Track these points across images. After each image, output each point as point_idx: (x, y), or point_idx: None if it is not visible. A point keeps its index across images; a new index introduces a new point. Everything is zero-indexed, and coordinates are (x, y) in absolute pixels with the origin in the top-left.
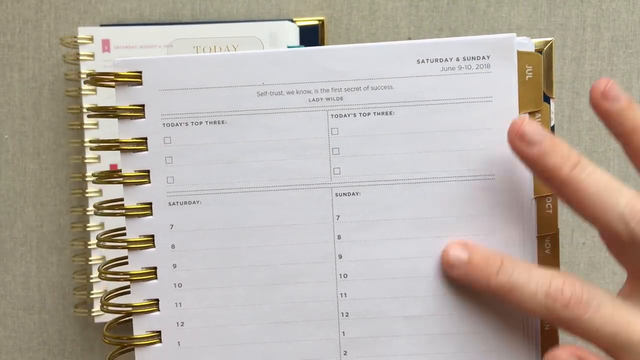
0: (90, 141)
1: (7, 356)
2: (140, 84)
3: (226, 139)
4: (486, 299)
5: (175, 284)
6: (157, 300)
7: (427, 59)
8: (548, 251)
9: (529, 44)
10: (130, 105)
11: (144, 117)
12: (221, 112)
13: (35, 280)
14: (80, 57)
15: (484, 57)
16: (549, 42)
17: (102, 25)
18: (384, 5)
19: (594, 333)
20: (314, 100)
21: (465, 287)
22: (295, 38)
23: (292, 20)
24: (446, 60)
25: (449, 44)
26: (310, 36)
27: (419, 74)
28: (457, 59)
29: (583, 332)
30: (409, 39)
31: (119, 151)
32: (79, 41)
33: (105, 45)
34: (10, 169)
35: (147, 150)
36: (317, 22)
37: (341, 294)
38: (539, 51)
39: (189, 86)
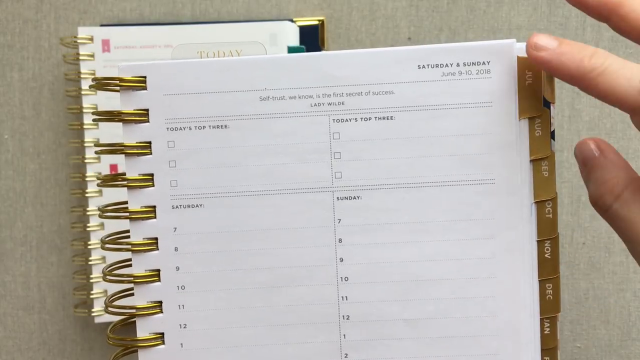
0: (95, 144)
1: (7, 356)
2: (145, 88)
3: (229, 143)
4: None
5: (178, 287)
6: (161, 302)
7: (428, 64)
8: (548, 255)
9: None
10: (134, 110)
11: (148, 122)
12: (224, 116)
13: (35, 280)
14: (80, 57)
15: (484, 63)
16: None
17: (102, 25)
18: (384, 5)
19: None
20: (315, 105)
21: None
22: (295, 38)
23: (292, 20)
24: (447, 65)
25: (449, 49)
26: (310, 36)
27: (420, 79)
28: (458, 65)
29: None
30: (409, 39)
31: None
32: (79, 41)
33: (105, 45)
34: (10, 169)
35: (151, 154)
36: (317, 22)
37: (342, 297)
38: None
39: (192, 91)
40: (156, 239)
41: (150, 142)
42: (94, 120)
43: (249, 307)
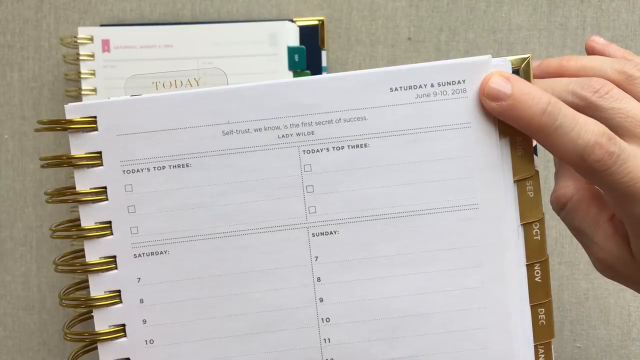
0: (45, 193)
1: (7, 356)
2: (96, 129)
3: (192, 183)
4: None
5: (146, 341)
6: (128, 359)
7: (401, 87)
8: (538, 279)
9: (506, 65)
10: (86, 154)
11: (102, 165)
12: (185, 154)
13: (35, 280)
14: (80, 57)
15: (459, 82)
16: (525, 58)
17: (102, 25)
18: (384, 5)
19: (611, 183)
20: (283, 136)
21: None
22: (295, 38)
23: (292, 20)
24: (420, 86)
25: (422, 69)
26: (310, 36)
27: (393, 103)
28: (432, 85)
29: (603, 181)
30: (409, 39)
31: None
32: (79, 41)
33: (105, 45)
34: (10, 169)
35: (107, 200)
36: (317, 22)
37: (324, 339)
38: (516, 70)
39: (148, 129)
40: (119, 291)
41: (105, 187)
42: (42, 166)
43: (225, 358)
